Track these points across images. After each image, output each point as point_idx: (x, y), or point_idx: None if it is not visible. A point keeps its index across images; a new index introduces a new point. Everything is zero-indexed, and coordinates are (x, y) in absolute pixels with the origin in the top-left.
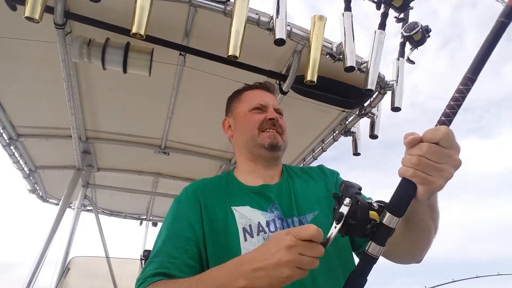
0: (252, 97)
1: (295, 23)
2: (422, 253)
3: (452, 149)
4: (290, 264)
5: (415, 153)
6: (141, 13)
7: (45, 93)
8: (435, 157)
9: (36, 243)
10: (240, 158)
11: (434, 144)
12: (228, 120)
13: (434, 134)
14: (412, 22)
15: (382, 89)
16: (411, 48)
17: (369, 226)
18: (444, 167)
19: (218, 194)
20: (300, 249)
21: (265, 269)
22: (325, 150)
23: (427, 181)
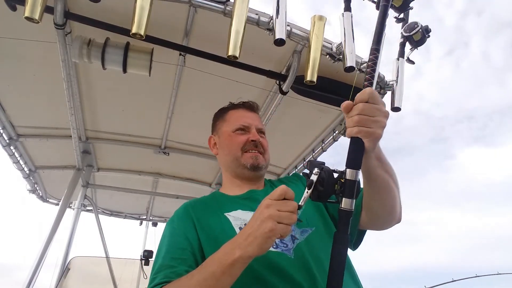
0: (235, 117)
1: (297, 23)
2: (394, 207)
3: (380, 104)
4: (271, 219)
5: (354, 113)
6: (141, 13)
7: (45, 93)
8: (369, 112)
9: (36, 244)
10: (225, 175)
11: (365, 103)
12: (213, 138)
13: (363, 95)
14: (412, 22)
15: (382, 89)
16: (411, 48)
17: (336, 186)
18: (378, 119)
19: (209, 207)
20: (276, 205)
21: (252, 233)
22: (325, 150)
23: (369, 133)
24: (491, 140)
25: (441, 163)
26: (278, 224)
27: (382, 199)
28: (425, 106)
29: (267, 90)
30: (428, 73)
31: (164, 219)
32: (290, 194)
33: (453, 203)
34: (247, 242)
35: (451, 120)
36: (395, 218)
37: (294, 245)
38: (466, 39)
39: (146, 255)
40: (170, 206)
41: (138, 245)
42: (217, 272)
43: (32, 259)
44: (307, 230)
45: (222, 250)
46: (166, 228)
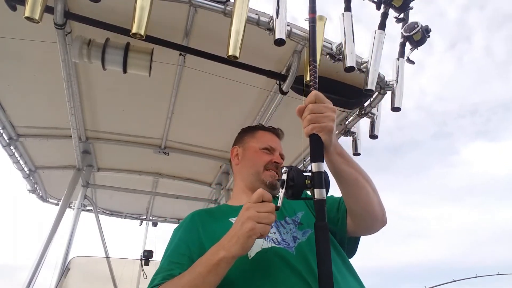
0: (265, 138)
1: (300, 20)
2: (371, 205)
3: (325, 102)
4: (251, 220)
5: (306, 113)
6: (141, 13)
7: (45, 93)
8: (318, 109)
9: (36, 244)
10: (239, 185)
11: (313, 103)
12: (237, 149)
13: (310, 97)
14: (412, 22)
15: (382, 89)
16: (411, 48)
17: (306, 181)
18: (327, 114)
19: (214, 215)
20: (255, 207)
21: (235, 234)
22: None
23: (322, 127)
24: (495, 134)
25: (444, 159)
26: (258, 224)
27: (355, 195)
28: (427, 101)
29: (267, 90)
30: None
31: (164, 219)
32: (267, 196)
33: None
34: (230, 243)
35: (453, 115)
36: (377, 218)
37: (295, 244)
38: (469, 33)
39: (146, 255)
40: (170, 206)
41: (138, 245)
42: (204, 272)
43: (32, 259)
44: (308, 231)
45: (209, 252)
46: (172, 235)
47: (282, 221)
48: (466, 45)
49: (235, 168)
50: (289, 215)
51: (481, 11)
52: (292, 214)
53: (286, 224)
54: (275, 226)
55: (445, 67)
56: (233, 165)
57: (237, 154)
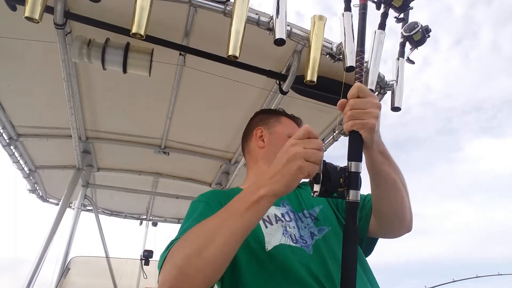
0: (291, 125)
1: (300, 24)
2: (403, 211)
3: (369, 96)
4: (298, 156)
5: (347, 109)
6: (141, 13)
7: (45, 93)
8: (360, 105)
9: (36, 244)
10: (260, 168)
11: (356, 98)
12: (262, 130)
13: (352, 91)
14: (412, 22)
15: (382, 89)
16: (411, 48)
17: (341, 179)
18: (369, 110)
19: (231, 198)
20: (302, 144)
21: (279, 171)
22: (325, 150)
23: (363, 124)
24: (500, 131)
25: (449, 155)
26: (306, 162)
27: (390, 197)
28: (432, 97)
29: (267, 90)
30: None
31: (164, 219)
32: (314, 133)
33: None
34: (273, 180)
35: (458, 111)
36: (405, 223)
37: (313, 241)
38: (475, 28)
39: (146, 255)
40: (170, 206)
41: (138, 245)
42: (242, 208)
43: (32, 259)
44: (324, 229)
45: (246, 190)
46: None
47: (300, 213)
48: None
49: (259, 151)
50: (307, 208)
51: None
52: (310, 207)
53: (304, 218)
54: (294, 219)
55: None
56: (254, 148)
57: (261, 135)
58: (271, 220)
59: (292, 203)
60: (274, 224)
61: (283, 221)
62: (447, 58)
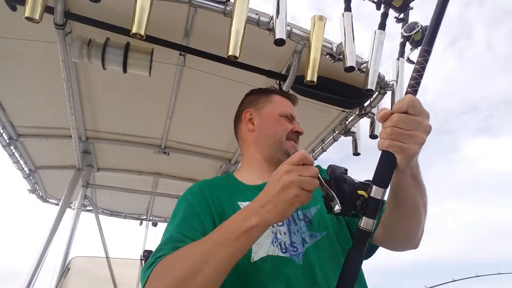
0: (283, 103)
1: (301, 20)
2: (416, 234)
3: (421, 116)
4: (294, 184)
5: (388, 124)
6: (141, 13)
7: (45, 93)
8: (405, 125)
9: (36, 244)
10: (254, 157)
11: (403, 113)
12: (251, 112)
13: (401, 104)
14: (412, 22)
15: (382, 89)
16: (411, 48)
17: (358, 202)
18: (415, 133)
19: (223, 191)
20: (297, 171)
21: (272, 200)
22: (325, 150)
23: (402, 148)
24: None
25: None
26: (302, 191)
27: (407, 221)
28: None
29: None
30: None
31: (164, 219)
32: (310, 159)
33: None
34: (265, 209)
35: (455, 111)
36: (413, 242)
37: (303, 249)
38: (469, 29)
39: (146, 255)
40: (170, 206)
41: (138, 245)
42: (230, 239)
43: (32, 259)
44: (316, 235)
45: (236, 217)
46: (179, 204)
47: (294, 214)
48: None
49: (249, 135)
50: (302, 208)
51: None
52: (305, 207)
53: (298, 220)
54: (286, 223)
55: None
56: (245, 132)
57: (251, 118)
58: None
59: None
60: None
61: (273, 226)
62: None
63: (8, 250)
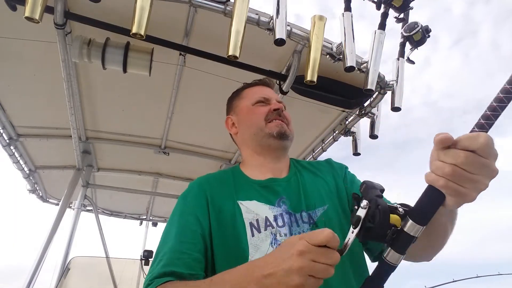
0: (253, 92)
1: (300, 24)
2: (435, 253)
3: (490, 158)
4: (302, 272)
5: (449, 161)
6: (141, 13)
7: (45, 93)
8: (471, 168)
9: (36, 244)
10: (247, 153)
11: (471, 152)
12: (231, 118)
13: (473, 141)
14: (412, 22)
15: (382, 89)
16: (411, 48)
17: (389, 231)
18: (479, 178)
19: (225, 188)
20: (313, 255)
21: (276, 275)
22: (325, 150)
23: (459, 192)
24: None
25: None
26: (310, 278)
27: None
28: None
29: None
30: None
31: (164, 219)
32: (335, 242)
33: None
34: (266, 281)
35: (459, 111)
36: (429, 259)
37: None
38: (475, 28)
39: (146, 255)
40: (170, 206)
41: (138, 245)
42: None
43: (32, 259)
44: (318, 210)
45: (237, 275)
46: (178, 204)
47: (297, 214)
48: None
49: (237, 138)
50: (307, 208)
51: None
52: (311, 207)
53: (300, 222)
54: (287, 224)
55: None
56: (234, 137)
57: (232, 123)
58: (260, 227)
59: (290, 199)
60: (262, 232)
61: (273, 227)
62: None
63: (8, 250)
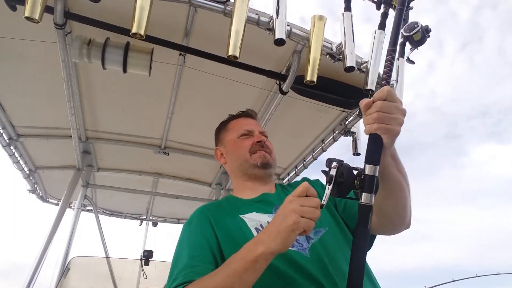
0: (238, 125)
1: (299, 24)
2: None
3: (397, 102)
4: (294, 213)
5: (373, 110)
6: (141, 13)
7: (45, 93)
8: (388, 109)
9: (36, 244)
10: (237, 181)
11: (384, 100)
12: (219, 149)
13: (382, 93)
14: (412, 22)
15: None
16: (411, 48)
17: (356, 181)
18: (396, 116)
19: (224, 209)
20: (299, 201)
21: (276, 227)
22: (325, 150)
23: (388, 129)
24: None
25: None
26: (302, 218)
27: (395, 199)
28: (438, 102)
29: (267, 90)
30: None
31: (164, 219)
32: (312, 191)
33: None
34: (270, 238)
35: (464, 116)
36: (405, 221)
37: (309, 244)
38: (481, 33)
39: (146, 255)
40: (170, 206)
41: (138, 245)
42: (240, 269)
43: (32, 259)
44: (320, 230)
45: (245, 248)
46: (183, 230)
47: None
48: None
49: (226, 167)
50: None
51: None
52: None
53: None
54: None
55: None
56: (224, 166)
57: (221, 154)
58: None
59: None
60: None
61: None
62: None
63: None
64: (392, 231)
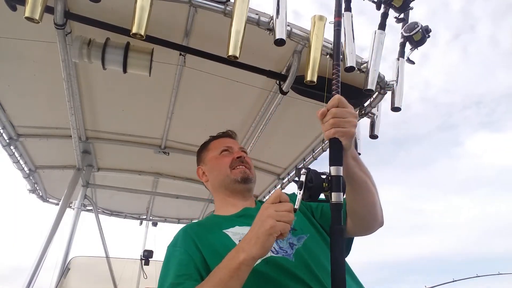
0: (218, 143)
1: (299, 24)
2: (375, 208)
3: (348, 107)
4: (270, 218)
5: (329, 117)
6: (141, 13)
7: (45, 93)
8: (341, 114)
9: (36, 244)
10: (218, 198)
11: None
12: (201, 168)
13: (334, 101)
14: (412, 22)
15: (382, 89)
16: (411, 48)
17: (324, 184)
18: (350, 119)
19: (207, 227)
20: (273, 207)
21: (255, 233)
22: (325, 150)
23: (344, 132)
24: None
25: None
26: (278, 222)
27: (363, 198)
28: (431, 92)
29: (267, 90)
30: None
31: (164, 219)
32: (284, 197)
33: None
34: (250, 244)
35: (458, 106)
36: (377, 220)
37: (293, 250)
38: (473, 22)
39: (146, 255)
40: (170, 206)
41: (138, 245)
42: (225, 278)
43: (32, 259)
44: (302, 237)
45: (227, 257)
46: (168, 251)
47: None
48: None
49: (208, 185)
50: None
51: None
52: None
53: None
54: None
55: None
56: (206, 184)
57: (203, 172)
58: None
59: None
60: None
61: None
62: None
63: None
64: (367, 230)
